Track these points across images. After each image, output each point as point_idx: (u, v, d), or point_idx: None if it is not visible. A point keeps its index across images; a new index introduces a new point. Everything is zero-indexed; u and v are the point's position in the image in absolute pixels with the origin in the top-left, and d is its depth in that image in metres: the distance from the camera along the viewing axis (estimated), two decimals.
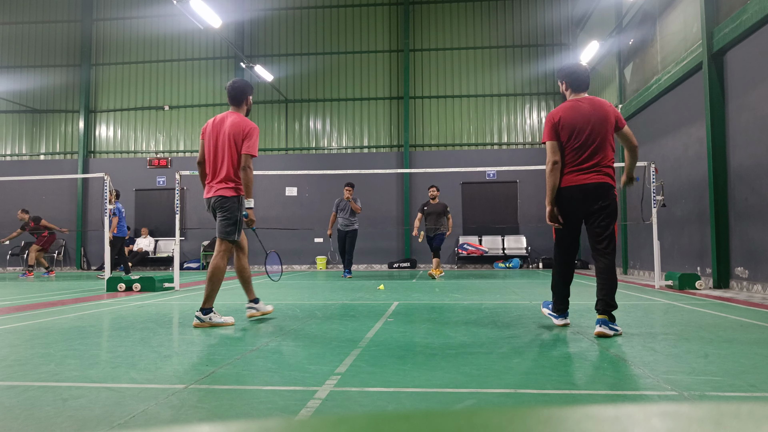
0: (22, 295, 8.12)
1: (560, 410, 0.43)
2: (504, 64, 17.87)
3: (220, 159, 4.73)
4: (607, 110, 4.18)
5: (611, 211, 4.13)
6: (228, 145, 4.70)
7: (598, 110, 4.16)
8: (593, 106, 4.18)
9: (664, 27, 10.79)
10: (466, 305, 6.10)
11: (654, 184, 8.58)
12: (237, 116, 4.79)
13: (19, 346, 3.73)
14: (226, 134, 4.71)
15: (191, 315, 5.48)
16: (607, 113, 4.16)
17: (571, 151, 4.17)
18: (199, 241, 18.04)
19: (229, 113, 4.85)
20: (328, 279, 11.77)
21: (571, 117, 4.17)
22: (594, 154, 4.12)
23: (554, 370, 2.85)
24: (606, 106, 4.21)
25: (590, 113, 4.15)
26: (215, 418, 2.13)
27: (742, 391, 2.43)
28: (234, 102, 4.89)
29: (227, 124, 4.75)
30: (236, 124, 4.72)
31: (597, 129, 4.12)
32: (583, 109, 4.18)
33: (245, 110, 4.92)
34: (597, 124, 4.13)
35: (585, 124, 4.13)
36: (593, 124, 4.12)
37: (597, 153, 4.12)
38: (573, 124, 4.15)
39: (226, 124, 4.76)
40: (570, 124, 4.16)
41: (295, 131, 18.37)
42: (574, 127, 4.14)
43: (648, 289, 8.13)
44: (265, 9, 18.57)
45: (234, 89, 4.86)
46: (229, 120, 4.77)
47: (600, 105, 4.20)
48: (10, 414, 2.16)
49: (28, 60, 19.24)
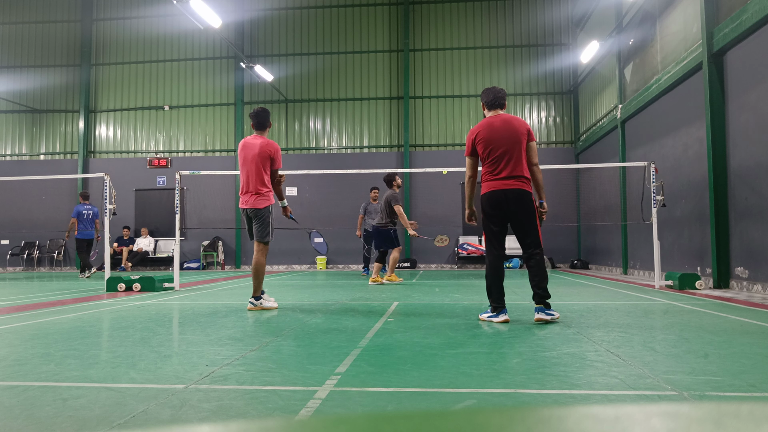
0: (22, 295, 8.12)
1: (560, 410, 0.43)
2: (504, 64, 17.87)
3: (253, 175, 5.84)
4: (517, 126, 4.70)
5: (530, 215, 4.67)
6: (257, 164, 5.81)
7: (508, 126, 4.69)
8: (505, 123, 4.72)
9: (664, 27, 10.79)
10: (467, 305, 6.10)
11: (654, 184, 8.58)
12: (263, 139, 5.90)
13: (19, 346, 3.73)
14: (255, 156, 5.82)
15: (191, 315, 5.49)
16: (517, 128, 4.69)
17: (490, 162, 4.71)
18: (199, 241, 18.04)
19: (255, 136, 5.98)
20: (328, 279, 11.77)
21: (487, 133, 4.71)
22: (508, 165, 4.64)
23: (554, 370, 2.85)
24: (515, 122, 4.73)
25: (502, 129, 4.69)
26: (215, 418, 2.13)
27: (742, 391, 2.43)
28: (260, 127, 5.98)
29: (258, 147, 5.83)
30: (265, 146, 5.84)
31: (509, 143, 4.65)
32: (496, 125, 4.72)
33: (268, 132, 6.07)
34: (508, 138, 4.66)
35: (498, 139, 4.67)
36: (506, 139, 4.66)
37: (511, 164, 4.64)
38: (488, 140, 4.69)
39: (256, 147, 5.84)
40: (485, 140, 4.71)
41: (295, 131, 18.37)
42: (489, 142, 4.69)
43: (648, 289, 8.13)
44: (265, 9, 18.56)
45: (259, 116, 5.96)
46: (259, 143, 5.86)
47: (510, 121, 4.73)
48: (10, 414, 2.16)
49: (28, 60, 19.24)
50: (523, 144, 4.67)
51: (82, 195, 13.20)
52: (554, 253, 17.11)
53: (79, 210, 12.94)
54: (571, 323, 4.57)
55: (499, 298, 4.70)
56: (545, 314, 4.53)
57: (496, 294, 4.71)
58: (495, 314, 4.67)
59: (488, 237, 4.83)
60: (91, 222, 13.08)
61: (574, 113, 17.52)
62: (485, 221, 4.81)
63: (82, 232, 12.93)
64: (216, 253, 17.74)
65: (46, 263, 18.36)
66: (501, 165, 4.65)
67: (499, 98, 4.84)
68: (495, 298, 4.71)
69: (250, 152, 5.85)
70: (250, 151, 5.86)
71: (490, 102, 4.85)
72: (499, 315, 4.65)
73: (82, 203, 13.11)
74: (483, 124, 4.80)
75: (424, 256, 17.09)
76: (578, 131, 17.28)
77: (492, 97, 4.85)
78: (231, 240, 17.96)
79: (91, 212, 13.10)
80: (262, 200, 5.85)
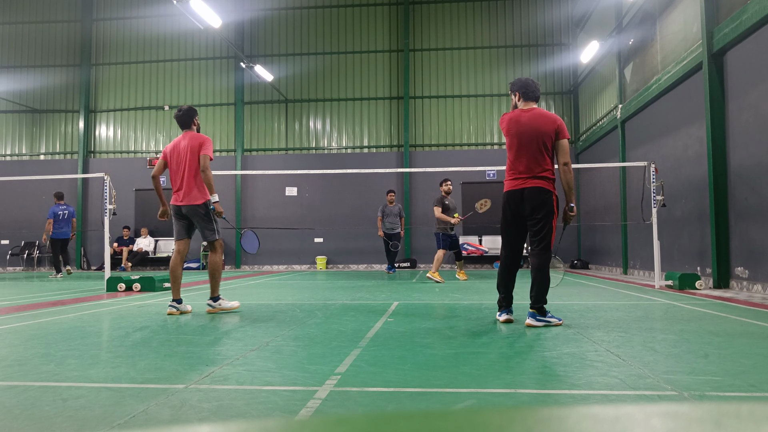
0: (22, 295, 8.12)
1: (560, 410, 0.43)
2: (504, 64, 17.87)
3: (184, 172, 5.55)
4: (544, 123, 4.45)
5: (545, 214, 4.42)
6: (188, 160, 5.54)
7: (535, 123, 4.45)
8: (532, 119, 4.47)
9: (664, 27, 10.79)
10: (466, 305, 6.10)
11: (654, 184, 8.58)
12: (190, 134, 5.66)
13: (19, 346, 3.73)
14: (185, 152, 5.56)
15: (191, 315, 5.49)
16: (543, 126, 4.43)
17: (511, 158, 4.53)
18: (199, 241, 18.01)
19: (184, 134, 5.71)
20: (328, 279, 11.78)
21: (513, 127, 4.51)
22: (528, 162, 4.43)
23: (554, 370, 2.85)
24: (544, 119, 4.48)
25: (527, 125, 4.46)
26: (215, 418, 2.13)
27: (742, 391, 2.43)
28: (184, 126, 5.72)
29: (185, 144, 5.60)
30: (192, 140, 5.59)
31: (531, 140, 4.42)
32: (523, 120, 4.49)
33: (195, 129, 5.77)
34: (532, 135, 4.43)
35: (522, 135, 4.45)
36: (529, 136, 4.43)
37: (531, 161, 4.42)
38: (513, 134, 4.50)
39: (183, 144, 5.62)
40: (510, 133, 4.53)
41: (295, 131, 18.37)
42: (514, 136, 4.49)
43: (648, 289, 8.13)
44: (265, 9, 18.56)
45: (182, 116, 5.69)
46: (185, 140, 5.63)
47: (539, 116, 4.48)
48: (10, 414, 2.16)
49: (28, 60, 19.24)
50: (548, 142, 4.43)
51: (57, 195, 13.16)
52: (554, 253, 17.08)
53: (55, 210, 12.92)
54: (571, 323, 4.57)
55: (504, 297, 4.66)
56: (535, 320, 4.36)
57: (501, 293, 4.67)
58: (500, 312, 4.66)
59: (502, 237, 4.70)
60: (67, 222, 13.06)
61: (574, 113, 17.53)
62: (501, 220, 4.65)
63: (57, 232, 12.88)
64: None
65: (46, 263, 18.34)
66: (521, 162, 4.45)
67: (531, 90, 4.57)
68: (500, 297, 4.68)
69: (180, 149, 5.59)
70: (178, 149, 5.61)
71: (522, 93, 4.59)
72: (501, 314, 4.63)
73: (57, 204, 13.07)
74: (513, 115, 4.58)
75: (424, 256, 17.08)
76: (578, 131, 17.28)
77: (524, 89, 4.58)
78: (231, 240, 17.95)
79: (67, 212, 13.05)
80: (198, 196, 5.54)
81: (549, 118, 4.49)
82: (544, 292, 4.41)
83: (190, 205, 5.53)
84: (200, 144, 5.56)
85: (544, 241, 4.44)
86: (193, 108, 5.79)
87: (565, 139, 4.47)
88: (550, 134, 4.43)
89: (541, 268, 4.44)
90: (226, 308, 5.66)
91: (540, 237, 4.45)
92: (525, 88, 4.58)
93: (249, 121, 18.44)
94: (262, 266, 17.79)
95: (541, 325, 4.32)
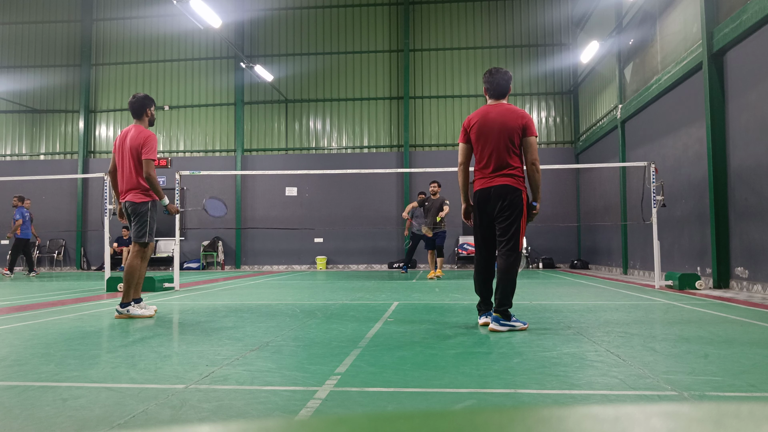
0: (22, 295, 8.12)
1: (560, 410, 0.43)
2: (504, 64, 17.86)
3: (127, 169, 5.30)
4: (512, 119, 4.28)
5: (513, 212, 4.25)
6: (130, 156, 5.28)
7: (503, 119, 4.29)
8: (500, 115, 4.32)
9: (664, 27, 10.79)
10: (466, 305, 6.10)
11: (654, 184, 8.58)
12: (136, 128, 5.37)
13: (19, 346, 3.73)
14: (127, 147, 5.30)
15: (191, 315, 5.49)
16: (511, 122, 4.27)
17: (479, 156, 4.39)
18: (199, 241, 18.04)
19: (132, 126, 5.43)
20: (328, 279, 11.78)
21: (480, 124, 4.35)
22: (496, 160, 4.29)
23: (554, 370, 2.85)
24: (511, 114, 4.31)
25: (494, 121, 4.30)
26: (215, 418, 2.13)
27: (742, 391, 2.43)
28: (136, 115, 5.45)
29: (128, 138, 5.33)
30: (134, 138, 5.30)
31: (499, 137, 4.28)
32: (491, 116, 4.34)
33: (147, 121, 5.48)
34: (499, 132, 4.28)
35: (489, 132, 4.31)
36: (496, 132, 4.28)
37: (499, 159, 4.29)
38: (479, 131, 4.35)
39: (128, 137, 5.34)
40: (477, 131, 4.36)
41: (295, 131, 18.37)
42: (480, 134, 4.34)
43: (648, 289, 8.13)
44: (265, 9, 18.57)
45: (134, 104, 5.43)
46: (130, 133, 5.35)
47: (507, 113, 4.32)
48: (10, 414, 2.16)
49: (28, 60, 19.25)
50: (515, 139, 4.27)
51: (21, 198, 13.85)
52: (554, 253, 17.12)
53: (23, 212, 13.57)
54: (571, 323, 4.57)
55: (483, 300, 4.48)
56: (499, 324, 4.12)
57: (481, 296, 4.49)
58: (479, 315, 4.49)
59: (474, 238, 4.53)
60: (29, 224, 13.82)
61: (574, 113, 17.52)
62: (473, 221, 4.51)
63: (24, 232, 13.64)
64: (216, 253, 17.75)
65: (46, 263, 18.36)
66: (489, 160, 4.30)
67: (500, 87, 4.41)
68: (480, 301, 4.51)
69: (124, 146, 5.33)
70: (124, 145, 5.34)
71: (487, 89, 4.46)
72: (481, 317, 4.46)
73: (21, 206, 13.72)
74: (480, 112, 4.43)
75: (424, 256, 17.07)
76: (578, 131, 17.28)
77: (493, 85, 4.42)
78: (231, 240, 17.95)
79: (28, 214, 13.79)
80: (139, 195, 5.28)
81: (516, 113, 4.33)
82: (510, 294, 4.21)
83: (132, 202, 5.28)
84: (141, 144, 5.24)
85: (512, 241, 4.24)
86: (148, 96, 5.49)
87: (533, 137, 4.32)
88: (517, 130, 4.27)
89: (508, 270, 4.23)
90: (135, 315, 5.18)
91: (507, 237, 4.25)
92: (490, 84, 4.44)
93: (249, 121, 18.45)
94: (262, 266, 17.79)
95: (506, 330, 4.11)
